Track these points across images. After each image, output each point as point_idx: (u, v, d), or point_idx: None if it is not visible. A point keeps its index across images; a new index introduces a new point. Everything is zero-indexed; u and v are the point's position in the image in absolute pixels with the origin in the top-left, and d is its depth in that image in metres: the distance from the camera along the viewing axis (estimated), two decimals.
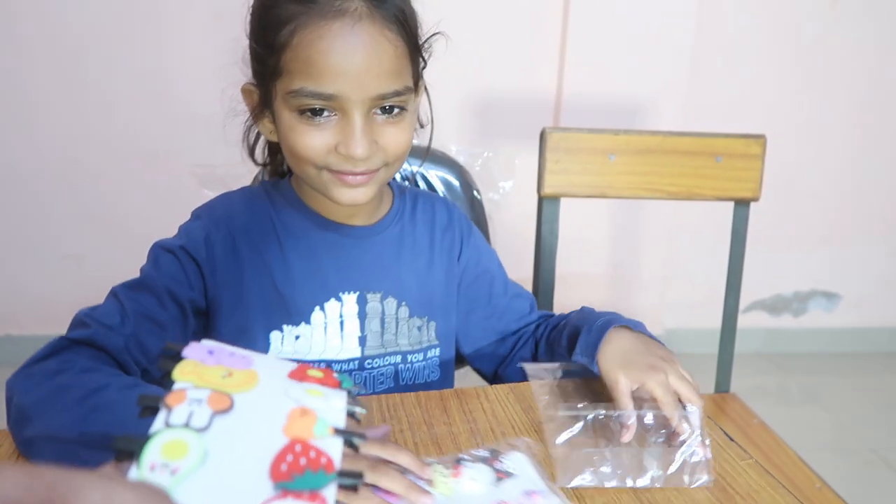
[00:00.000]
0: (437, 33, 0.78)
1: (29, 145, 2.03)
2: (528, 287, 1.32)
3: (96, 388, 0.59)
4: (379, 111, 0.72)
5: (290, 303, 0.81)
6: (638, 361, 0.69)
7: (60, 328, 0.77)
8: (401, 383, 0.87)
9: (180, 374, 0.36)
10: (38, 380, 0.62)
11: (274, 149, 0.89)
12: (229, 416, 0.35)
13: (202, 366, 0.37)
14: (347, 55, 0.67)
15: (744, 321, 2.47)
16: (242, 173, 1.00)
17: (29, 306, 2.14)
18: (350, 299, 0.83)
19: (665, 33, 2.11)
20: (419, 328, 0.88)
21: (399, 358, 0.86)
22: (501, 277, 0.96)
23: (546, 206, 1.28)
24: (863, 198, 2.41)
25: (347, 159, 0.71)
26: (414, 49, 0.74)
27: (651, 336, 0.77)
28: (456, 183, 1.23)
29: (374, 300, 0.84)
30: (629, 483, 0.62)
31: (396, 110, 0.73)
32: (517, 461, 0.62)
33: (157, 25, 1.96)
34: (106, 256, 2.05)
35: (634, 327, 0.78)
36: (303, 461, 0.35)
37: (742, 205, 1.32)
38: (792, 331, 2.52)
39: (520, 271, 1.61)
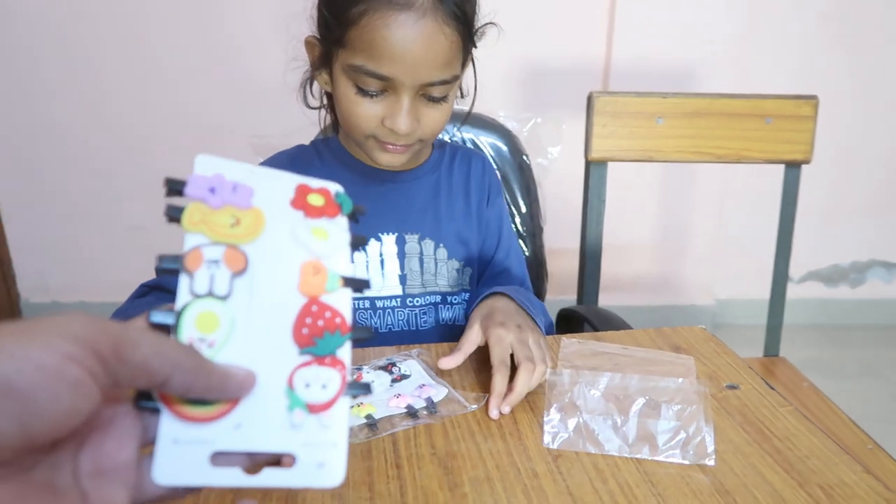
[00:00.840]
0: (489, 23, 0.84)
1: (98, 122, 2.12)
2: (575, 254, 1.34)
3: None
4: (424, 94, 0.78)
5: None
6: (495, 318, 0.75)
7: (126, 295, 0.83)
8: (441, 322, 0.93)
9: (189, 223, 0.36)
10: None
11: (330, 98, 0.94)
12: (246, 276, 0.35)
13: (208, 210, 0.36)
14: (407, 45, 0.73)
15: (799, 291, 2.43)
16: (296, 142, 1.05)
17: (98, 275, 2.26)
18: (389, 240, 0.90)
19: None
20: (457, 271, 0.93)
21: (439, 298, 0.92)
22: (507, 246, 0.99)
23: (593, 170, 1.29)
24: None
25: (391, 133, 0.78)
26: (467, 40, 0.79)
27: (531, 310, 0.79)
28: (505, 148, 1.25)
29: (412, 241, 0.91)
30: (624, 451, 0.61)
31: (440, 95, 0.79)
32: (410, 366, 0.74)
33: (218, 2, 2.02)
34: (169, 228, 2.14)
35: (521, 299, 0.80)
36: (320, 323, 0.36)
37: (793, 167, 1.30)
38: (849, 302, 2.46)
39: (567, 238, 1.63)
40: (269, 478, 0.33)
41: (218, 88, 2.11)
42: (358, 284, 0.38)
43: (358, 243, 0.39)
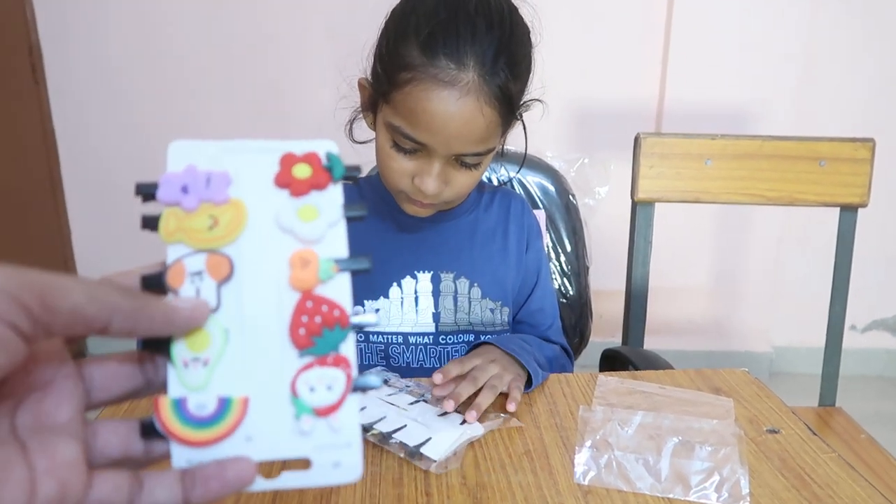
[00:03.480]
0: (535, 100, 0.86)
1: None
2: (621, 296, 1.34)
3: None
4: (457, 160, 0.81)
5: (371, 279, 0.90)
6: (473, 357, 0.78)
7: None
8: None
9: (167, 233, 0.33)
10: None
11: None
12: (233, 282, 0.33)
13: (183, 214, 0.34)
14: (446, 121, 0.76)
15: (864, 341, 2.33)
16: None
17: None
18: (425, 277, 0.92)
19: (775, 38, 2.05)
20: (492, 310, 0.94)
21: (472, 337, 0.93)
22: (543, 289, 1.00)
23: (640, 211, 1.29)
24: None
25: (419, 191, 0.81)
26: (508, 116, 0.81)
27: (519, 353, 0.80)
28: (552, 188, 1.26)
29: (447, 279, 0.93)
30: (656, 491, 0.60)
31: (472, 163, 0.81)
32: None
33: (277, 46, 2.12)
34: None
35: (510, 347, 0.82)
36: (318, 319, 0.33)
37: (849, 211, 1.27)
38: None
39: (615, 280, 1.62)
40: (288, 480, 0.33)
41: (276, 121, 2.19)
42: (354, 265, 0.35)
43: (355, 213, 0.36)
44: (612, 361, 1.16)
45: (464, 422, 0.69)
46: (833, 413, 1.29)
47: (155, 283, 0.33)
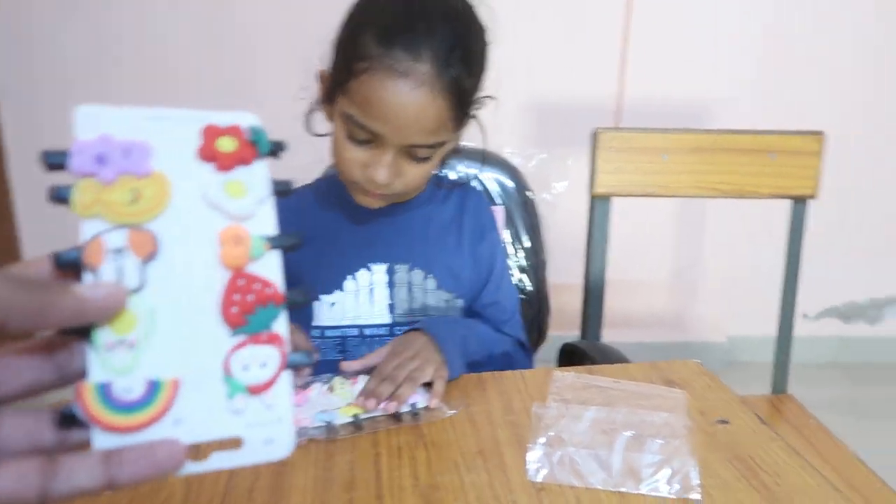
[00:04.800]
0: (488, 96, 0.87)
1: None
2: (579, 290, 1.34)
3: None
4: (409, 152, 0.81)
5: (326, 273, 0.90)
6: (400, 346, 0.80)
7: None
8: None
9: (82, 207, 0.31)
10: None
11: None
12: (159, 259, 0.32)
13: (100, 186, 0.31)
14: (399, 111, 0.77)
15: (816, 329, 2.39)
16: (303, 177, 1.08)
17: None
18: (380, 269, 0.92)
19: (732, 34, 2.08)
20: (446, 301, 0.93)
21: None
22: (497, 282, 1.00)
23: (597, 205, 1.30)
24: None
25: (371, 181, 0.81)
26: (462, 110, 0.82)
27: (446, 345, 0.81)
28: (510, 184, 1.26)
29: (401, 271, 0.93)
30: (609, 485, 0.60)
31: (424, 156, 0.82)
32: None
33: (234, 40, 2.09)
34: None
35: (442, 335, 0.82)
36: (250, 297, 0.33)
37: (799, 202, 1.30)
38: (867, 339, 2.41)
39: (574, 274, 1.63)
40: (217, 461, 0.32)
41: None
42: (286, 242, 0.34)
43: (281, 191, 0.35)
44: (570, 355, 1.16)
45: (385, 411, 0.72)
46: (785, 400, 1.32)
47: (69, 263, 0.30)
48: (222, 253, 0.32)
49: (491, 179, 1.25)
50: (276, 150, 0.35)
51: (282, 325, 0.33)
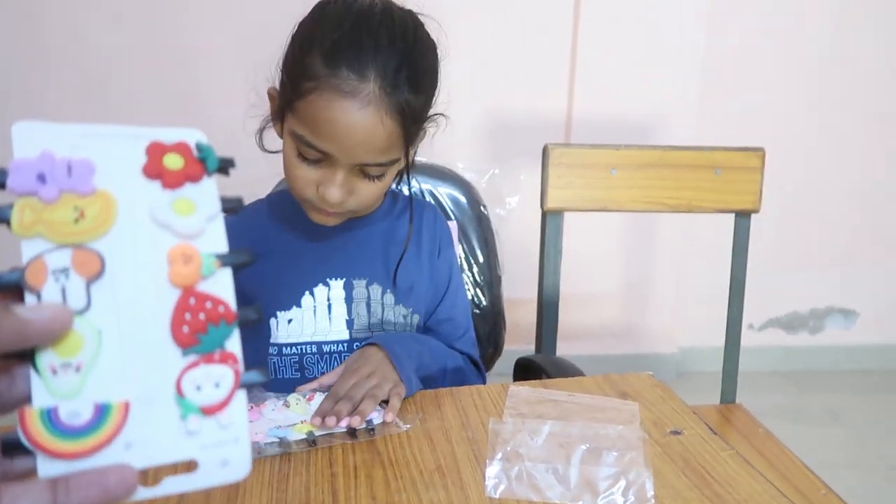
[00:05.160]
0: (438, 114, 0.88)
1: None
2: (533, 304, 1.36)
3: None
4: (361, 171, 0.81)
5: (283, 290, 0.88)
6: (354, 363, 0.79)
7: None
8: None
9: (21, 226, 0.29)
10: None
11: None
12: (105, 279, 0.30)
13: (41, 205, 0.30)
14: (347, 130, 0.76)
15: (760, 339, 2.47)
16: (257, 192, 1.06)
17: None
18: (337, 285, 0.91)
19: (675, 53, 2.15)
20: (404, 317, 0.93)
21: None
22: (452, 298, 1.00)
23: (549, 220, 1.32)
24: (877, 214, 2.40)
25: (323, 200, 0.81)
26: (410, 131, 0.82)
27: (401, 361, 0.81)
28: (463, 199, 1.27)
29: (359, 286, 0.92)
30: (566, 499, 0.61)
31: (376, 174, 0.82)
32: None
33: (183, 55, 2.05)
34: None
35: (397, 351, 0.82)
36: (202, 316, 0.32)
37: (743, 216, 1.34)
38: (809, 349, 2.50)
39: (528, 288, 1.64)
40: (172, 485, 0.31)
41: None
42: (237, 259, 0.33)
43: (231, 208, 0.34)
44: (525, 370, 1.17)
45: (349, 427, 0.71)
46: (734, 409, 1.35)
47: (10, 285, 0.29)
48: (171, 272, 0.32)
49: (444, 195, 1.25)
50: (224, 166, 0.34)
51: (235, 343, 0.33)
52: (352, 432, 0.71)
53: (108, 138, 0.32)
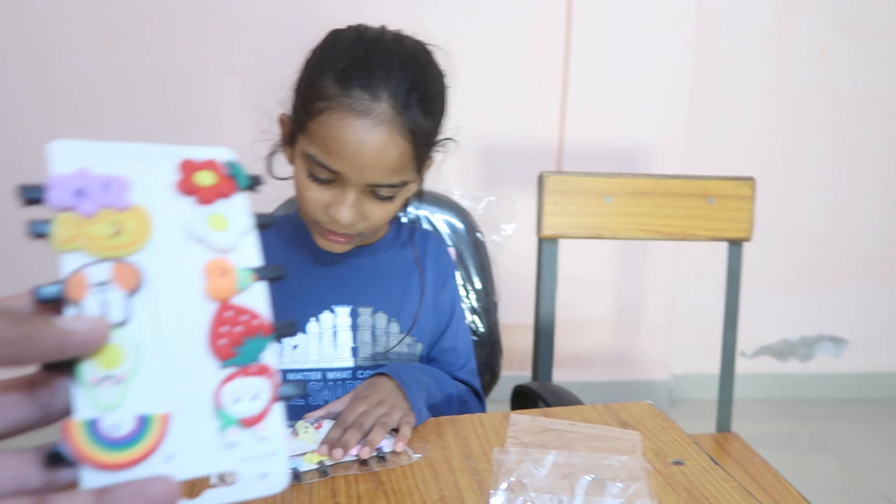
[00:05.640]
0: (448, 139, 0.89)
1: None
2: (530, 330, 1.36)
3: None
4: (372, 191, 0.82)
5: (289, 315, 0.87)
6: (364, 392, 0.79)
7: None
8: None
9: (62, 241, 0.30)
10: None
11: None
12: (143, 292, 0.31)
13: (81, 220, 0.30)
14: (359, 149, 0.77)
15: (752, 366, 2.47)
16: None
17: None
18: (343, 312, 0.92)
19: (663, 83, 2.18)
20: (408, 346, 0.93)
21: None
22: (455, 328, 1.01)
23: (545, 247, 1.32)
24: (865, 241, 2.43)
25: (333, 221, 0.81)
26: (421, 153, 0.83)
27: (411, 391, 0.81)
28: (460, 226, 1.27)
29: (365, 313, 0.92)
30: None
31: (387, 195, 0.82)
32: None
33: (181, 80, 2.06)
34: None
35: (407, 381, 0.82)
36: (238, 329, 0.32)
37: (735, 245, 1.36)
38: (800, 376, 2.51)
39: (523, 314, 1.65)
40: (212, 497, 0.31)
41: None
42: (271, 273, 0.34)
43: (263, 223, 0.35)
44: (523, 397, 1.16)
45: (359, 456, 0.71)
46: (729, 438, 1.35)
47: (51, 297, 0.29)
48: (208, 285, 0.32)
49: (441, 221, 1.26)
50: (254, 183, 0.35)
51: (271, 356, 0.33)
52: (362, 461, 0.70)
53: (140, 156, 0.33)
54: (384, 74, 0.77)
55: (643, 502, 0.63)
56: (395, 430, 0.75)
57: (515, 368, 2.09)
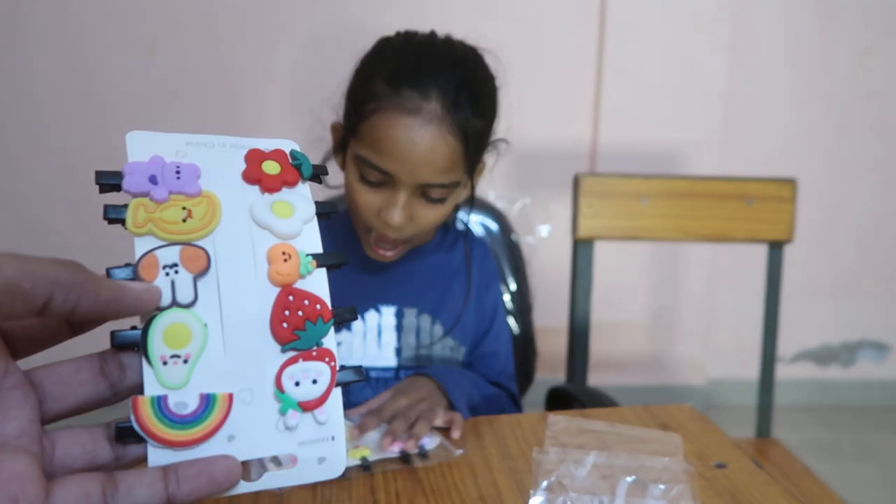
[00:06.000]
0: (500, 140, 0.91)
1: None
2: (563, 333, 1.35)
3: None
4: (423, 193, 0.82)
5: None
6: (408, 388, 0.78)
7: None
8: None
9: (135, 225, 0.31)
10: None
11: None
12: (210, 275, 0.32)
13: (153, 205, 0.32)
14: (410, 148, 0.78)
15: (791, 372, 2.42)
16: None
17: None
18: (389, 312, 0.92)
19: (698, 83, 2.16)
20: (451, 349, 0.93)
21: None
22: (496, 332, 1.00)
23: (580, 249, 1.31)
24: None
25: (385, 224, 0.81)
26: (471, 153, 0.83)
27: (452, 392, 0.80)
28: (495, 227, 1.27)
29: (410, 315, 0.93)
30: None
31: (438, 197, 0.82)
32: None
33: (231, 86, 2.09)
34: None
35: (447, 382, 0.81)
36: (300, 313, 0.33)
37: (776, 247, 1.33)
38: (841, 382, 2.44)
39: (556, 317, 1.64)
40: (271, 481, 0.31)
41: None
42: (332, 260, 0.35)
43: (325, 212, 0.36)
44: (558, 400, 1.16)
45: (402, 451, 0.71)
46: (770, 444, 1.33)
47: (124, 278, 0.31)
48: (271, 270, 0.33)
49: (476, 223, 1.25)
50: (318, 173, 0.37)
51: (331, 341, 0.34)
52: (405, 458, 0.70)
53: (209, 146, 0.35)
54: (434, 74, 0.78)
55: None
56: (437, 430, 0.75)
57: (548, 372, 2.08)
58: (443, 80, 0.78)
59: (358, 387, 0.90)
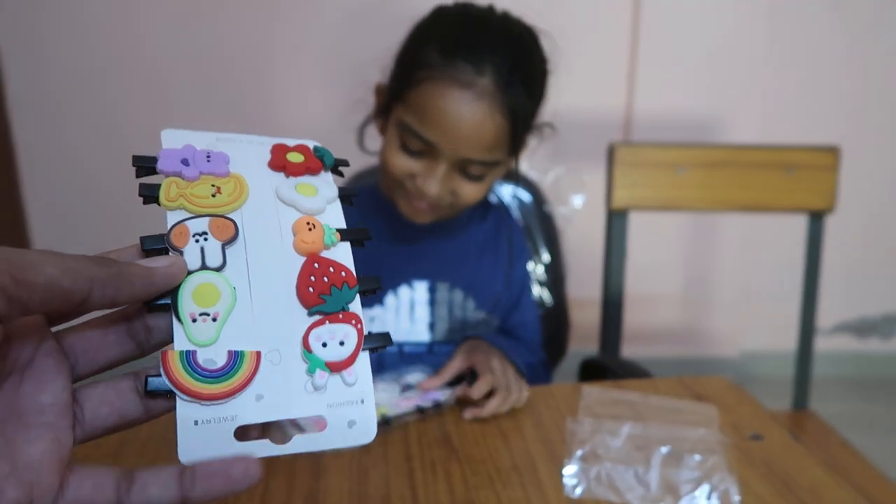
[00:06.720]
0: (546, 123, 0.89)
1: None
2: (595, 304, 1.34)
3: None
4: (463, 168, 0.81)
5: None
6: (479, 351, 0.79)
7: None
8: None
9: (167, 200, 0.34)
10: None
11: None
12: (238, 244, 0.33)
13: (185, 183, 0.34)
14: (457, 121, 0.77)
15: (829, 344, 2.38)
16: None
17: None
18: (421, 286, 0.92)
19: (737, 48, 2.10)
20: (484, 322, 0.93)
21: None
22: (525, 303, 1.00)
23: (615, 219, 1.30)
24: None
25: (419, 190, 0.81)
26: (517, 133, 0.82)
27: (509, 353, 0.81)
28: (528, 198, 1.26)
29: (442, 289, 0.93)
30: (647, 501, 0.60)
31: (478, 173, 0.81)
32: (416, 378, 0.80)
33: (268, 55, 2.10)
34: None
35: (499, 344, 0.82)
36: (325, 279, 0.34)
37: (816, 217, 1.30)
38: (880, 355, 2.40)
39: (590, 288, 1.63)
40: (301, 444, 0.32)
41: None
42: (356, 235, 0.36)
43: (347, 195, 0.38)
44: (591, 370, 1.16)
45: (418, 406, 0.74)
46: (807, 416, 1.31)
47: (155, 245, 0.33)
48: (297, 239, 0.34)
49: (508, 194, 1.25)
50: (339, 165, 0.38)
51: (357, 307, 0.34)
52: (420, 410, 0.73)
53: (237, 142, 0.37)
54: (490, 50, 0.77)
55: (721, 475, 0.62)
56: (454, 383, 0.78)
57: (580, 344, 2.08)
58: (498, 56, 0.77)
59: (392, 361, 0.90)
